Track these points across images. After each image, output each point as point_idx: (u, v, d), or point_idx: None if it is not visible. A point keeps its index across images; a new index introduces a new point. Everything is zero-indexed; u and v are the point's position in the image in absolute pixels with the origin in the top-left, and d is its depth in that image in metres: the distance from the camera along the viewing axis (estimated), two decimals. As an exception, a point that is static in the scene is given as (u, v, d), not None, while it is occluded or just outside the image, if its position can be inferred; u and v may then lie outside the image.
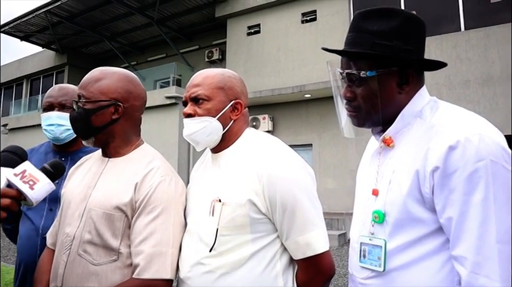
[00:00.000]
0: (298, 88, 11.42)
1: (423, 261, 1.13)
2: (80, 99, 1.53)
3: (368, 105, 1.25)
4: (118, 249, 1.41)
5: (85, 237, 1.43)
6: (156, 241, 1.39)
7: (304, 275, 1.39)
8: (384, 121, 1.27)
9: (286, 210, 1.33)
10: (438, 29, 10.76)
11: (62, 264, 1.45)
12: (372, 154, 1.37)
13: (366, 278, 1.25)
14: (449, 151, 1.07)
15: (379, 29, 1.22)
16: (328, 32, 12.00)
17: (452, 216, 1.07)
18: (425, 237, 1.14)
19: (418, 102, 1.26)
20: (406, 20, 1.23)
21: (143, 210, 1.43)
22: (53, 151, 2.13)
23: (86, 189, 1.53)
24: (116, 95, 1.54)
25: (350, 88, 1.28)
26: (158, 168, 1.51)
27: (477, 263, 1.02)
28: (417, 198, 1.14)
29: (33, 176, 1.23)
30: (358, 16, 1.29)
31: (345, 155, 11.18)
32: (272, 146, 1.45)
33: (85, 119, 1.51)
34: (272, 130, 12.30)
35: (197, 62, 16.37)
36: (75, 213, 1.50)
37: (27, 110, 20.56)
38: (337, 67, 1.31)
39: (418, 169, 1.13)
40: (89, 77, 1.56)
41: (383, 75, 1.22)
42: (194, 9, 15.03)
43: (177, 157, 12.07)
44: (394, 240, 1.18)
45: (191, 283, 1.39)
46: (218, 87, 1.49)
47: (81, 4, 15.00)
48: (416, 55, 1.24)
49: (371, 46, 1.21)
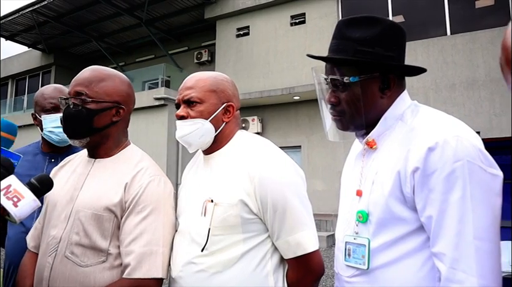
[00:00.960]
0: (287, 89, 11.47)
1: (405, 259, 1.17)
2: (80, 96, 1.49)
3: (351, 109, 1.29)
4: (107, 250, 1.41)
5: (72, 239, 1.42)
6: (147, 240, 1.40)
7: (295, 274, 1.42)
8: (367, 124, 1.31)
9: (277, 210, 1.36)
10: (424, 33, 10.92)
11: (47, 266, 1.43)
12: (356, 156, 1.41)
13: (351, 276, 1.29)
14: (428, 152, 1.12)
15: (361, 36, 1.26)
16: (316, 34, 12.08)
17: (432, 215, 1.11)
18: (407, 236, 1.18)
19: (399, 106, 1.30)
20: (387, 28, 1.28)
21: (133, 209, 1.43)
22: (41, 152, 2.10)
23: (72, 191, 1.51)
24: (119, 98, 1.55)
25: (335, 93, 1.32)
26: (147, 169, 1.52)
27: (455, 259, 1.06)
28: (398, 198, 1.18)
29: (18, 192, 1.16)
30: (341, 23, 1.33)
31: (333, 157, 11.24)
32: (263, 148, 1.48)
33: (87, 119, 1.49)
34: (261, 132, 12.33)
35: (186, 64, 16.33)
36: (61, 215, 1.48)
37: (12, 111, 20.23)
38: (321, 73, 1.36)
39: (399, 170, 1.18)
40: (91, 76, 1.53)
41: (365, 80, 1.27)
42: (184, 10, 14.99)
43: (166, 158, 12.01)
44: (377, 238, 1.22)
45: (183, 282, 1.40)
46: (210, 90, 1.51)
47: (69, 4, 14.82)
48: (397, 61, 1.29)
49: (353, 53, 1.26)
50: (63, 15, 15.80)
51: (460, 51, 10.19)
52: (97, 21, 16.17)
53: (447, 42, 10.43)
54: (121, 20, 15.91)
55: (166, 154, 12.09)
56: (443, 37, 10.67)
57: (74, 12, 15.45)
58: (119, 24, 16.34)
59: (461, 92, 10.04)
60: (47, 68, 20.12)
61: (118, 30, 16.81)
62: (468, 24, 10.53)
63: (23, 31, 17.53)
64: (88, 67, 1.59)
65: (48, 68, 20.09)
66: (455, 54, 10.25)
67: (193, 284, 1.38)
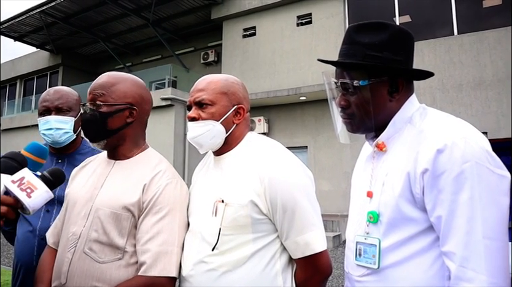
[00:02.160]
0: (293, 90, 11.48)
1: (415, 258, 1.20)
2: (94, 101, 1.55)
3: (361, 113, 1.33)
4: (124, 247, 1.46)
5: (91, 236, 1.47)
6: (163, 240, 1.44)
7: (303, 274, 1.44)
8: (376, 127, 1.34)
9: (286, 211, 1.39)
10: (431, 33, 10.89)
11: (66, 261, 1.48)
12: (367, 159, 1.45)
13: (361, 275, 1.32)
14: (437, 154, 1.15)
15: (370, 41, 1.30)
16: (323, 34, 12.08)
17: (441, 215, 1.13)
18: (417, 235, 1.20)
19: (408, 109, 1.33)
20: (395, 33, 1.31)
21: (151, 210, 1.47)
22: (49, 153, 2.14)
23: (92, 190, 1.57)
24: (131, 100, 1.59)
25: (345, 97, 1.35)
26: (165, 171, 1.57)
27: (465, 257, 1.09)
28: (408, 198, 1.21)
29: (31, 183, 1.19)
30: (351, 29, 1.37)
31: (340, 157, 11.24)
32: (273, 150, 1.51)
33: (101, 122, 1.54)
34: (267, 132, 12.35)
35: (193, 64, 16.39)
36: (81, 213, 1.53)
37: (20, 111, 20.43)
38: (332, 77, 1.39)
39: (409, 171, 1.21)
40: (103, 81, 1.59)
41: (375, 84, 1.30)
42: (190, 11, 15.06)
43: (173, 158, 12.06)
44: (388, 238, 1.25)
45: (194, 280, 1.43)
46: (221, 92, 1.54)
47: (76, 5, 14.97)
48: (405, 65, 1.32)
49: (363, 57, 1.30)
50: (71, 16, 15.95)
51: (467, 51, 10.16)
52: (104, 22, 16.30)
53: (454, 42, 10.39)
54: (128, 21, 16.02)
55: (173, 154, 12.13)
56: (450, 37, 10.64)
57: (82, 13, 15.60)
58: (126, 25, 16.45)
59: (469, 92, 10.00)
60: (55, 68, 20.29)
61: (125, 30, 16.93)
62: (475, 23, 10.49)
63: (31, 32, 17.71)
64: (104, 74, 1.65)
65: (56, 69, 20.27)
66: (462, 54, 10.21)
67: (203, 282, 1.41)
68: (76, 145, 2.16)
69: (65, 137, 2.06)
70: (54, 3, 14.67)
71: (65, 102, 2.07)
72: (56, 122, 2.04)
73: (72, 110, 2.08)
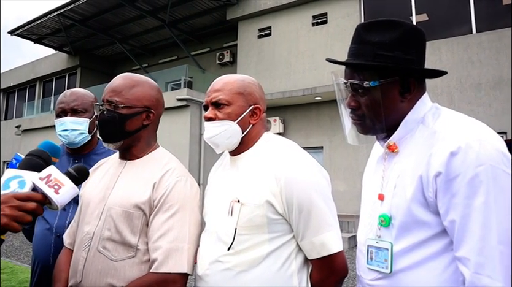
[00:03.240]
0: (308, 90, 11.44)
1: (428, 262, 1.17)
2: (112, 103, 1.58)
3: (371, 114, 1.30)
4: (136, 245, 1.49)
5: (104, 234, 1.50)
6: (173, 237, 1.46)
7: (318, 275, 1.44)
8: (387, 128, 1.31)
9: (302, 211, 1.39)
10: (449, 31, 10.73)
11: (81, 260, 1.52)
12: (378, 160, 1.42)
13: (373, 279, 1.30)
14: (451, 157, 1.11)
15: (380, 40, 1.26)
16: (338, 34, 12.00)
17: (455, 219, 1.10)
18: (430, 239, 1.18)
19: (420, 109, 1.30)
20: (406, 31, 1.27)
21: (161, 208, 1.50)
22: (66, 154, 2.19)
23: (104, 190, 1.60)
24: (149, 103, 1.64)
25: (354, 97, 1.32)
26: (174, 170, 1.59)
27: (479, 263, 1.06)
28: (421, 202, 1.18)
29: (58, 180, 1.22)
30: (360, 28, 1.33)
31: (355, 158, 11.16)
32: (289, 150, 1.51)
33: (120, 124, 1.58)
34: (283, 133, 12.32)
35: (209, 65, 16.46)
36: (94, 213, 1.57)
37: (40, 112, 20.78)
38: (341, 77, 1.36)
39: (421, 174, 1.17)
40: (122, 83, 1.63)
41: (385, 84, 1.26)
42: (206, 12, 15.12)
43: (188, 159, 12.12)
44: (400, 242, 1.22)
45: (209, 280, 1.45)
46: (238, 92, 1.55)
47: (94, 7, 15.17)
48: (417, 64, 1.28)
49: (373, 57, 1.26)
50: (88, 18, 16.18)
51: (485, 49, 9.96)
52: (121, 24, 16.48)
53: (473, 40, 10.21)
54: (145, 22, 16.16)
55: (188, 155, 12.20)
56: (468, 35, 10.45)
57: (99, 15, 15.81)
58: (142, 26, 16.59)
59: (488, 91, 9.82)
60: (73, 70, 20.59)
61: (142, 32, 17.09)
62: (494, 21, 10.28)
63: (50, 34, 18.01)
64: (119, 75, 1.68)
65: (74, 70, 20.56)
66: (480, 52, 10.02)
67: (219, 282, 1.42)
68: (92, 146, 2.22)
69: (81, 137, 2.11)
70: (72, 6, 14.89)
71: (80, 104, 2.13)
72: (71, 123, 2.10)
73: (87, 112, 2.14)
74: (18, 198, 1.11)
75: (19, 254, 8.31)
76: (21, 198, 1.12)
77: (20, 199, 1.11)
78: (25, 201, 1.12)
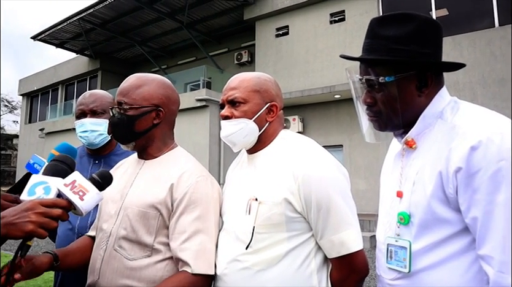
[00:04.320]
0: (327, 88, 11.37)
1: (450, 261, 1.14)
2: (121, 105, 1.58)
3: (388, 110, 1.27)
4: (152, 245, 1.48)
5: (120, 233, 1.51)
6: (201, 238, 1.46)
7: (338, 274, 1.41)
8: (404, 123, 1.28)
9: (321, 209, 1.37)
10: (470, 25, 10.50)
11: (99, 258, 1.53)
12: (395, 156, 1.38)
13: (393, 279, 1.27)
14: (471, 152, 1.07)
15: (395, 34, 1.23)
16: (356, 32, 11.88)
17: (477, 216, 1.07)
18: (451, 237, 1.14)
19: (438, 103, 1.26)
20: (421, 24, 1.24)
21: (186, 209, 1.49)
22: (87, 155, 2.22)
23: (122, 189, 1.61)
24: (157, 101, 1.61)
25: (370, 94, 1.29)
26: (193, 169, 1.58)
27: (503, 262, 1.02)
28: (441, 198, 1.14)
29: (83, 187, 1.22)
30: (374, 22, 1.31)
31: (376, 156, 11.03)
32: (307, 147, 1.49)
33: (128, 125, 1.57)
34: (302, 131, 12.28)
35: (227, 65, 16.52)
36: (112, 211, 1.58)
37: (62, 114, 21.22)
38: (356, 73, 1.33)
39: (441, 170, 1.14)
40: (129, 84, 1.62)
41: (401, 79, 1.23)
42: (223, 12, 15.19)
43: (208, 159, 12.20)
44: (420, 241, 1.19)
45: (228, 279, 1.43)
46: (254, 90, 1.54)
47: (113, 11, 15.43)
48: (433, 58, 1.24)
49: (388, 52, 1.23)
50: (108, 22, 16.47)
51: (509, 43, 9.71)
52: (140, 26, 16.70)
53: (496, 34, 9.97)
54: (163, 24, 16.33)
55: (208, 155, 12.27)
56: (491, 29, 10.21)
57: (118, 18, 16.07)
58: (161, 28, 16.77)
59: (512, 86, 9.58)
60: (94, 73, 20.97)
61: (160, 34, 17.27)
62: (518, 14, 10.02)
63: (71, 39, 18.40)
64: (129, 76, 1.68)
65: (95, 73, 20.94)
66: (504, 46, 9.77)
67: (237, 281, 1.41)
68: (112, 146, 2.24)
69: (100, 138, 2.14)
70: (92, 10, 15.19)
71: (99, 105, 2.15)
72: (90, 124, 2.12)
73: (106, 113, 2.15)
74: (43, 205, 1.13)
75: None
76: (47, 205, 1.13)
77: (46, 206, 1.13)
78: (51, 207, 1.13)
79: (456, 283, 1.12)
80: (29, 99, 25.79)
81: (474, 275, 1.11)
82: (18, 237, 1.08)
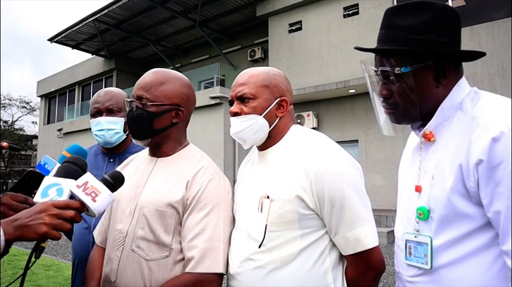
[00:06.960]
0: (342, 83, 11.28)
1: (472, 257, 1.10)
2: (142, 100, 1.55)
3: (405, 102, 1.23)
4: (170, 245, 1.47)
5: (138, 233, 1.49)
6: (209, 236, 1.44)
7: (354, 271, 1.38)
8: (422, 116, 1.25)
9: (334, 205, 1.34)
10: (488, 15, 10.27)
11: (115, 259, 1.51)
12: (413, 150, 1.35)
13: (413, 275, 1.23)
14: (493, 143, 1.03)
15: (411, 23, 1.20)
16: (371, 25, 11.74)
17: (500, 210, 1.02)
18: (473, 233, 1.10)
19: (457, 94, 1.22)
20: (438, 12, 1.20)
21: (195, 207, 1.48)
22: (102, 153, 2.23)
23: (135, 188, 1.58)
24: (178, 100, 1.59)
25: (386, 85, 1.26)
26: (207, 167, 1.57)
27: None
28: (461, 192, 1.11)
29: (95, 188, 1.22)
30: (389, 12, 1.27)
31: (392, 150, 10.91)
32: (318, 142, 1.46)
33: (148, 121, 1.54)
34: (317, 127, 12.21)
35: (240, 62, 16.52)
36: (126, 210, 1.56)
37: (79, 115, 21.52)
38: (371, 66, 1.30)
39: (461, 163, 1.10)
40: (152, 79, 1.58)
41: (418, 70, 1.20)
42: (236, 9, 15.19)
43: (223, 156, 12.23)
44: (440, 236, 1.16)
45: (241, 278, 1.42)
46: (263, 85, 1.51)
47: (127, 11, 15.59)
48: (451, 47, 1.20)
49: (404, 42, 1.20)
50: (122, 22, 16.64)
51: (529, 32, 9.49)
52: (153, 26, 16.82)
53: (514, 24, 9.74)
54: (176, 23, 16.41)
55: (223, 152, 12.30)
56: (509, 18, 9.97)
57: (132, 18, 16.22)
58: (174, 27, 16.86)
59: (532, 77, 9.36)
60: (109, 73, 21.20)
61: (174, 33, 17.36)
62: (537, 3, 9.77)
63: (86, 40, 18.65)
64: (151, 70, 1.65)
65: (110, 73, 21.16)
66: (523, 36, 9.55)
67: (251, 280, 1.39)
68: (126, 144, 2.23)
69: (116, 137, 2.14)
70: (106, 10, 15.38)
71: (115, 103, 2.15)
72: (107, 123, 2.12)
73: (122, 111, 2.15)
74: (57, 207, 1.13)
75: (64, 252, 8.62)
76: (60, 207, 1.14)
77: (59, 207, 1.13)
78: (64, 209, 1.14)
79: (478, 279, 1.09)
80: (47, 100, 26.21)
81: (497, 272, 1.07)
82: (32, 238, 1.09)
